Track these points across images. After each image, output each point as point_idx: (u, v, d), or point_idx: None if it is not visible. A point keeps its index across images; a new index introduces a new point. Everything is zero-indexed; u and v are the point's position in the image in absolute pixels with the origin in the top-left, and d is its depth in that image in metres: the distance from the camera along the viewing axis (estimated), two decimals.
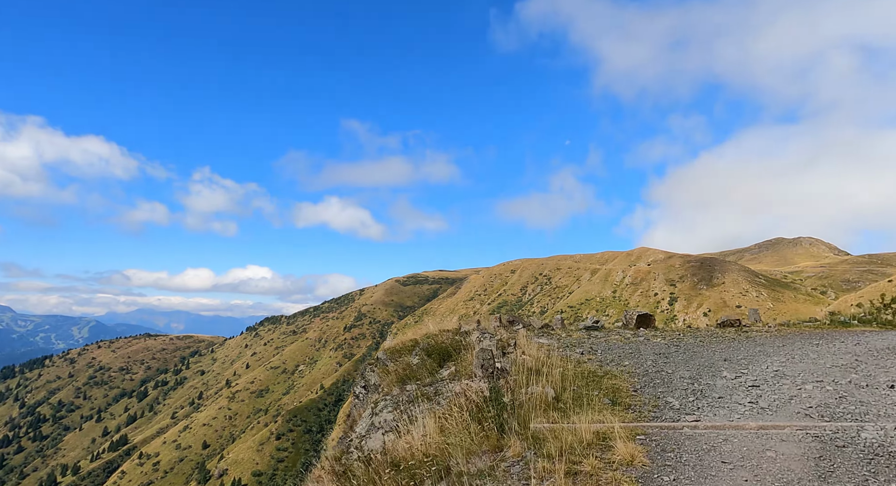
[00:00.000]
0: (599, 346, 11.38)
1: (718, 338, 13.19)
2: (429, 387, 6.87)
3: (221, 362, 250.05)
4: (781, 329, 15.46)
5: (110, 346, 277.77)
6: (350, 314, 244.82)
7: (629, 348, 11.10)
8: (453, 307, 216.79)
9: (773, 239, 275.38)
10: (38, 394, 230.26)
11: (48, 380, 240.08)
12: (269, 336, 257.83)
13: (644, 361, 9.48)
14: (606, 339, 12.86)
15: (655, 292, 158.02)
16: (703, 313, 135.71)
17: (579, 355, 9.83)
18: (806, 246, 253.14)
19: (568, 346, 11.13)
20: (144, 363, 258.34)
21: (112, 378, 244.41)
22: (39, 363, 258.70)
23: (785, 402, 6.39)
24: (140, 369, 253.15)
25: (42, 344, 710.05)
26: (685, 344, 11.88)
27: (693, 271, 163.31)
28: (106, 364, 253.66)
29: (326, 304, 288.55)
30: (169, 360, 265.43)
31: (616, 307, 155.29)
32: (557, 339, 12.45)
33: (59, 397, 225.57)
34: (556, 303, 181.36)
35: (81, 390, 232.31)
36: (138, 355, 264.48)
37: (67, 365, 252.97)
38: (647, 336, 13.63)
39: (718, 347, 11.49)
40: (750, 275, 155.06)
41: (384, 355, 10.05)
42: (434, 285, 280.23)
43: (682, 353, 10.55)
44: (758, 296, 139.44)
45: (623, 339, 13.02)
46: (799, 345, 11.44)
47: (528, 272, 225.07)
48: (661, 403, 6.32)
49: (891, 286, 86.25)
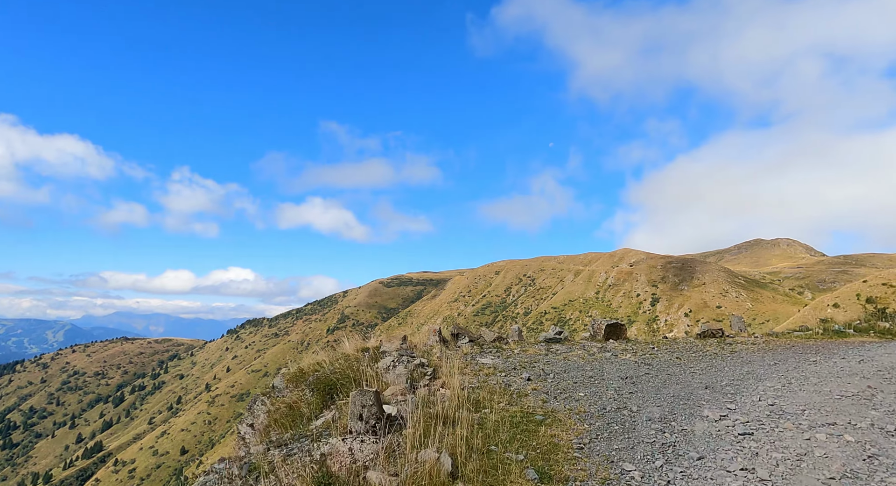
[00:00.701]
0: (555, 367, 9.81)
1: (698, 353, 11.78)
2: (284, 446, 4.72)
3: (201, 366, 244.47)
4: (770, 341, 13.89)
5: (85, 350, 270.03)
6: (333, 316, 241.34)
7: (590, 370, 9.57)
8: (437, 309, 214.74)
9: (752, 240, 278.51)
10: (9, 400, 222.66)
11: (19, 386, 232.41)
12: (251, 339, 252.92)
13: (605, 390, 7.82)
14: (567, 356, 11.29)
15: (637, 293, 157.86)
16: (683, 314, 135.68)
17: (524, 383, 8.15)
18: (784, 247, 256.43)
19: (516, 367, 9.61)
20: (121, 368, 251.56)
21: (87, 383, 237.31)
22: (10, 369, 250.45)
23: (794, 466, 4.42)
24: (116, 374, 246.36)
25: (14, 349, 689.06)
26: (658, 363, 10.44)
27: (674, 271, 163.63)
28: (80, 369, 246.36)
29: (309, 306, 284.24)
30: (147, 364, 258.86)
31: (599, 308, 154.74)
32: (507, 357, 10.91)
33: (30, 403, 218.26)
34: (539, 304, 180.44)
35: (54, 395, 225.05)
36: (115, 360, 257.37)
37: (40, 370, 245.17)
38: (615, 350, 12.12)
39: (698, 366, 10.03)
40: (729, 276, 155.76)
41: (281, 383, 7.95)
42: (418, 287, 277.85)
43: (653, 376, 8.97)
44: (737, 296, 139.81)
45: (587, 355, 11.48)
46: (794, 363, 10.15)
47: (513, 273, 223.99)
48: (615, 474, 4.27)
49: (866, 287, 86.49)
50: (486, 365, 9.93)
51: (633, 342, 13.88)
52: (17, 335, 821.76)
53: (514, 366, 10.02)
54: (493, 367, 9.70)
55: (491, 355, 11.14)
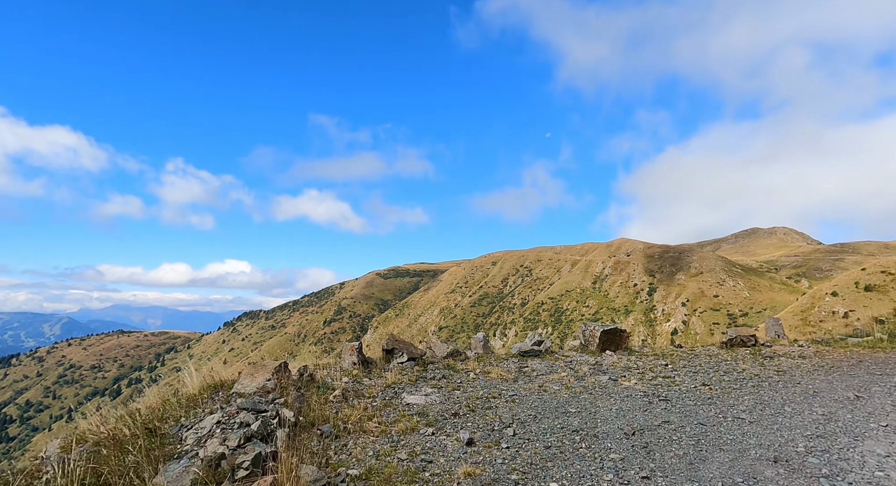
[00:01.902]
0: (523, 407, 7.17)
1: (732, 374, 9.24)
2: None
3: (198, 359, 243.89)
4: (822, 352, 11.22)
5: (81, 343, 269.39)
6: (330, 308, 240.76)
7: (576, 416, 6.70)
8: (434, 300, 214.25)
9: (749, 229, 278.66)
10: (5, 394, 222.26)
11: (15, 379, 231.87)
12: (248, 331, 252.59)
13: (598, 471, 4.86)
14: (545, 382, 8.64)
15: (635, 283, 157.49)
16: (681, 303, 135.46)
17: (459, 453, 5.40)
18: (780, 236, 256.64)
19: (461, 411, 6.95)
20: (118, 361, 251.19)
21: (83, 377, 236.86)
22: (6, 362, 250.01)
23: None
24: (113, 367, 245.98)
25: (11, 342, 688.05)
26: (679, 396, 7.73)
27: (672, 261, 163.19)
28: (77, 362, 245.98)
29: (306, 298, 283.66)
30: (143, 357, 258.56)
31: (596, 299, 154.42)
32: (455, 387, 8.33)
33: (26, 396, 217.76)
34: (536, 294, 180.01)
35: (51, 389, 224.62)
36: (111, 353, 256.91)
37: (36, 364, 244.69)
38: (614, 371, 9.51)
39: (741, 402, 7.38)
40: (727, 265, 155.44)
41: (54, 453, 5.79)
42: (415, 278, 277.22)
43: (678, 430, 6.05)
44: (734, 285, 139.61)
45: (573, 381, 8.76)
46: (883, 394, 7.49)
47: (509, 264, 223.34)
48: None
49: (864, 274, 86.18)
50: (413, 408, 7.12)
51: (637, 355, 11.18)
52: (14, 329, 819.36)
53: (459, 408, 7.08)
54: (421, 412, 6.88)
55: (430, 386, 8.37)
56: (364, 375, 8.99)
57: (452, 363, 10.18)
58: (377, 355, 10.49)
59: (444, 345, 11.09)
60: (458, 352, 11.00)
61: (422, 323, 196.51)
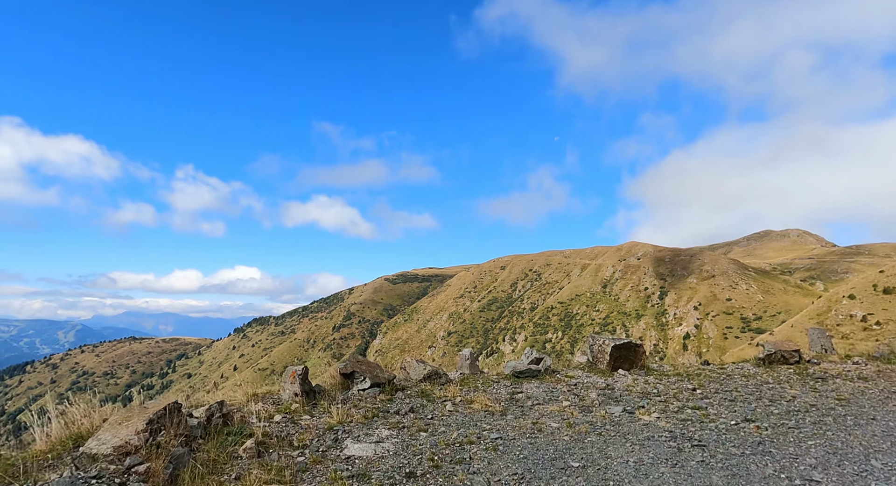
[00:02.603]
0: (506, 456, 5.42)
1: (780, 403, 7.48)
2: None
3: (209, 365, 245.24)
4: (886, 371, 9.46)
5: (94, 350, 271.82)
6: (339, 314, 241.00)
7: (580, 465, 5.20)
8: (443, 305, 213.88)
9: (762, 232, 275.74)
10: (20, 401, 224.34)
11: (30, 386, 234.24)
12: (257, 337, 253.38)
13: None
14: (540, 417, 6.84)
15: (646, 286, 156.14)
16: (693, 307, 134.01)
17: None
18: (794, 238, 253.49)
19: (419, 471, 5.03)
20: (129, 367, 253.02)
21: (96, 383, 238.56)
22: (20, 369, 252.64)
23: None
24: (125, 374, 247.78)
25: (27, 349, 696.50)
26: (718, 440, 5.92)
27: (682, 264, 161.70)
28: (90, 369, 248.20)
29: (315, 303, 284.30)
30: (155, 363, 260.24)
31: (606, 303, 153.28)
32: (422, 427, 6.43)
33: (40, 403, 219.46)
34: (546, 299, 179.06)
35: (64, 395, 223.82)
36: (123, 360, 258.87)
37: (49, 371, 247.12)
38: (630, 399, 7.74)
39: (804, 445, 5.69)
40: (739, 267, 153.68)
41: None
42: (424, 283, 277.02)
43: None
44: (748, 288, 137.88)
45: (577, 413, 7.03)
46: None
47: (518, 268, 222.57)
48: None
49: (882, 277, 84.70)
50: (354, 464, 5.19)
51: (656, 375, 9.41)
52: (29, 336, 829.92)
53: (419, 463, 5.22)
54: (362, 474, 4.96)
55: (389, 425, 6.47)
56: (306, 410, 6.98)
57: (429, 389, 8.34)
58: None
59: (420, 366, 9.25)
60: (437, 374, 9.09)
61: (431, 328, 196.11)
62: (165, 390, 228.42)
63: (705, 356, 78.71)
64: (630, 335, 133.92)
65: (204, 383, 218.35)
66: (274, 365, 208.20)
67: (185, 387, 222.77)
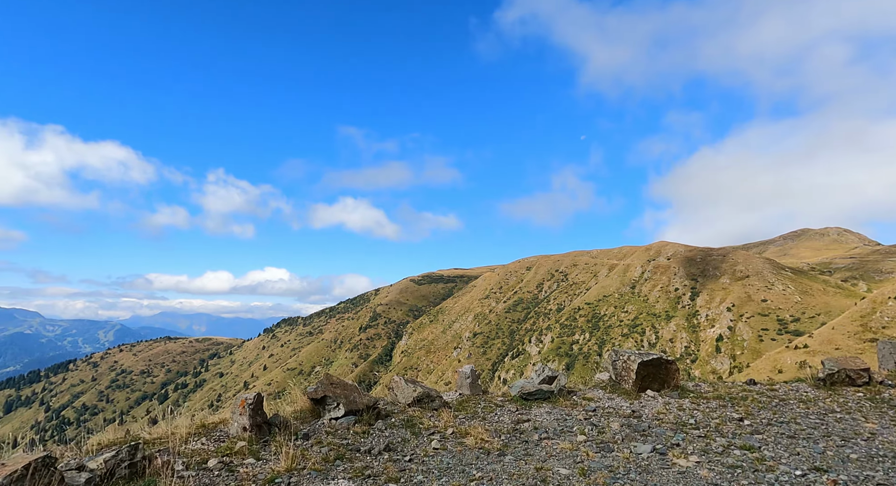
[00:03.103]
0: None
1: (857, 443, 5.84)
2: None
3: (239, 364, 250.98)
4: None
5: (132, 349, 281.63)
6: (365, 315, 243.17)
7: None
8: (468, 306, 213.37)
9: (799, 230, 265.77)
10: (63, 398, 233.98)
11: (72, 384, 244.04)
12: (286, 337, 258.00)
13: None
14: (547, 457, 5.60)
15: (676, 287, 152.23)
16: (726, 308, 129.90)
17: None
18: (833, 237, 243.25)
19: None
20: (165, 366, 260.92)
21: (134, 381, 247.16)
22: (64, 367, 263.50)
23: None
24: (161, 372, 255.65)
25: (70, 348, 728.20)
26: None
27: (714, 264, 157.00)
28: (128, 367, 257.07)
29: (342, 304, 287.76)
30: (189, 362, 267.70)
31: (635, 304, 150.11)
32: (401, 469, 5.30)
33: (82, 400, 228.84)
34: (572, 300, 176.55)
35: (104, 393, 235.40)
36: (159, 358, 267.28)
37: (91, 369, 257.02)
38: (660, 432, 6.36)
39: None
40: (775, 267, 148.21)
41: None
42: (449, 284, 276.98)
43: None
44: (784, 289, 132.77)
45: (595, 451, 5.74)
46: None
47: (544, 269, 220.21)
48: None
49: None
50: None
51: (692, 397, 7.98)
52: (72, 335, 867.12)
53: None
54: None
55: (350, 475, 5.13)
56: (253, 450, 5.70)
57: (417, 416, 6.97)
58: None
59: (409, 387, 7.82)
60: (429, 397, 7.62)
61: (456, 329, 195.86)
62: (199, 388, 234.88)
63: (739, 359, 75.67)
64: (660, 337, 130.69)
65: (235, 382, 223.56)
66: (302, 365, 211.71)
67: (217, 386, 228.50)
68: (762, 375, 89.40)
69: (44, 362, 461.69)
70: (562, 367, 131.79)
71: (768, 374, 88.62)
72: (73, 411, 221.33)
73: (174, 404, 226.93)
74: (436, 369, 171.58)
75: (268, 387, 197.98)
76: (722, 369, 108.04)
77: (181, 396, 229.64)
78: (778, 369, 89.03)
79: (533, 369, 9.13)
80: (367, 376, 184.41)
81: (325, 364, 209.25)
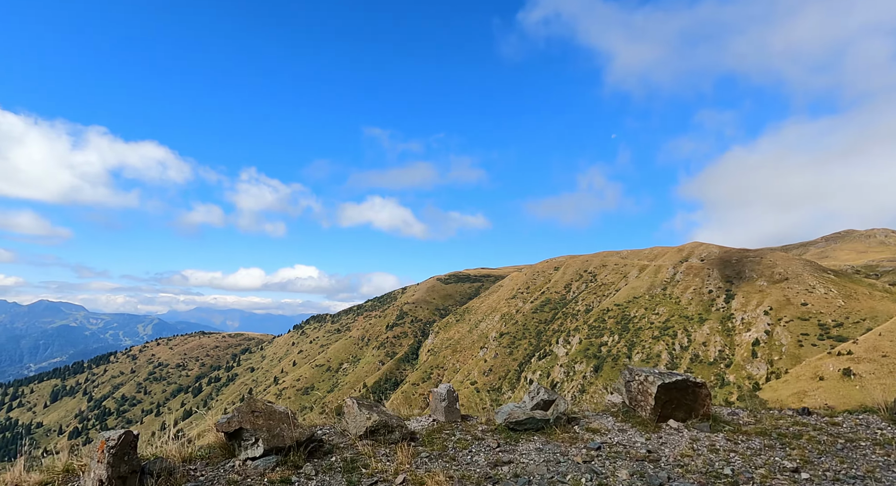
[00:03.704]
0: None
1: None
2: None
3: (270, 360, 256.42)
4: None
5: (168, 343, 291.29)
6: (392, 313, 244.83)
7: None
8: (495, 306, 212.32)
9: (842, 232, 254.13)
10: (104, 388, 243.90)
11: (112, 375, 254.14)
12: (315, 334, 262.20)
13: None
14: None
15: (709, 289, 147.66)
16: (763, 312, 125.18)
17: None
18: (880, 238, 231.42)
19: None
20: (199, 360, 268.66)
21: (169, 374, 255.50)
22: (105, 359, 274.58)
23: None
24: (195, 366, 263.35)
25: (111, 341, 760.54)
26: None
27: (751, 266, 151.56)
28: (164, 361, 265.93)
29: (369, 302, 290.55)
30: (221, 357, 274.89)
31: (667, 306, 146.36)
32: None
33: (122, 391, 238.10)
34: (601, 301, 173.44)
35: (142, 385, 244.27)
36: (193, 353, 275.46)
37: (130, 361, 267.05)
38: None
39: None
40: (816, 270, 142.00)
41: None
42: (476, 283, 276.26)
43: None
44: (826, 293, 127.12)
45: None
46: None
47: (573, 269, 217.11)
48: None
49: None
50: None
51: (727, 431, 6.36)
52: (114, 329, 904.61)
53: None
54: None
55: None
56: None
57: (367, 454, 5.36)
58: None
59: (363, 414, 6.00)
60: (388, 427, 5.94)
61: (483, 329, 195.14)
62: (231, 382, 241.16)
63: (777, 364, 71.79)
64: (692, 340, 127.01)
65: (266, 377, 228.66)
66: (330, 362, 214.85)
67: (249, 381, 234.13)
68: (801, 382, 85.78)
69: (87, 354, 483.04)
70: (590, 369, 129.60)
71: (808, 381, 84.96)
72: (114, 401, 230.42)
73: (207, 397, 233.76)
74: (462, 368, 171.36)
75: (297, 382, 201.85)
76: (758, 374, 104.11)
77: (214, 389, 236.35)
78: (819, 376, 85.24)
79: (526, 392, 7.14)
80: (393, 374, 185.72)
81: (352, 361, 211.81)
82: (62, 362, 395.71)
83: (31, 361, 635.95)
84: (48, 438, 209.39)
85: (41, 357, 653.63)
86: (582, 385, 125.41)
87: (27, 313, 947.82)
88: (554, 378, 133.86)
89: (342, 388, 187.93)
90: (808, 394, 76.94)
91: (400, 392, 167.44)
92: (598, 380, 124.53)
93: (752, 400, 64.05)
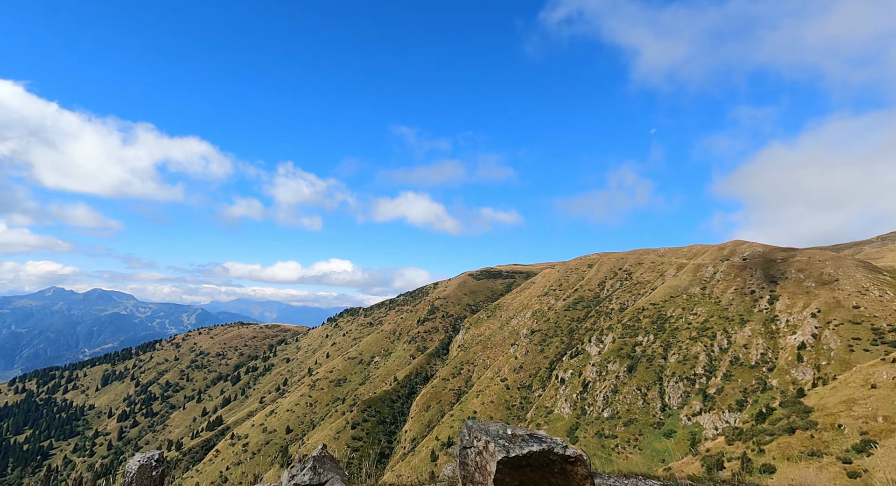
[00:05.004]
0: None
1: None
2: None
3: (304, 351, 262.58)
4: None
5: (209, 333, 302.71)
6: (423, 308, 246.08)
7: None
8: (527, 303, 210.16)
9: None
10: (150, 374, 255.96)
11: (158, 362, 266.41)
12: (348, 327, 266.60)
13: None
14: None
15: (752, 289, 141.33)
16: (810, 314, 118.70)
17: None
18: None
19: None
20: (238, 350, 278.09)
21: (210, 363, 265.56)
22: (151, 347, 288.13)
23: None
24: (234, 355, 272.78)
25: (158, 329, 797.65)
26: None
27: (798, 266, 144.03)
28: (205, 350, 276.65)
29: (402, 297, 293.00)
30: (259, 347, 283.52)
31: (706, 306, 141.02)
32: None
33: (166, 378, 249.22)
34: (637, 300, 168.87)
35: (185, 372, 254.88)
36: (232, 342, 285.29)
37: (174, 349, 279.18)
38: None
39: None
40: (870, 271, 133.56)
41: None
42: (507, 280, 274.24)
43: None
44: (881, 295, 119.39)
45: None
46: None
47: (607, 267, 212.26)
48: None
49: None
50: None
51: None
52: (160, 317, 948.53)
53: None
54: None
55: None
56: None
57: None
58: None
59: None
60: None
61: (514, 326, 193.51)
62: (267, 372, 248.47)
63: (825, 369, 67.50)
64: (732, 342, 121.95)
65: (300, 368, 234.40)
66: (362, 355, 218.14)
67: (284, 371, 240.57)
68: (851, 389, 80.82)
69: (136, 341, 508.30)
70: (623, 369, 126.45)
71: (858, 388, 79.94)
72: (159, 387, 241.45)
73: (245, 386, 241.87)
74: (492, 365, 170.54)
75: (330, 374, 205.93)
76: (803, 379, 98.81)
77: (252, 378, 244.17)
78: (871, 384, 80.00)
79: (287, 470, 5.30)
80: (423, 369, 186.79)
81: (384, 355, 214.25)
82: (113, 348, 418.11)
83: (86, 346, 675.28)
84: (99, 419, 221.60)
85: (95, 343, 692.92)
86: (615, 385, 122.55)
87: (83, 301, 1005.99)
88: (586, 378, 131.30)
89: (373, 381, 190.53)
90: (858, 402, 72.37)
91: (430, 387, 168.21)
92: (631, 381, 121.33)
93: (794, 406, 60.14)
